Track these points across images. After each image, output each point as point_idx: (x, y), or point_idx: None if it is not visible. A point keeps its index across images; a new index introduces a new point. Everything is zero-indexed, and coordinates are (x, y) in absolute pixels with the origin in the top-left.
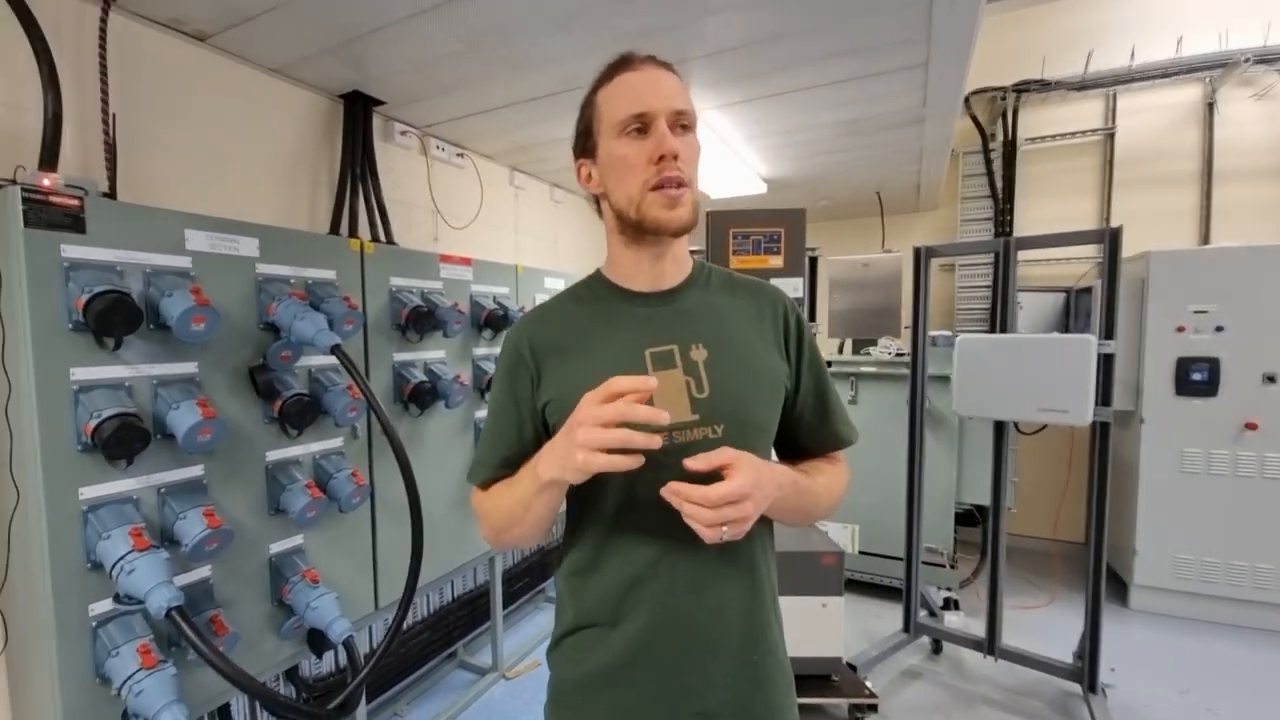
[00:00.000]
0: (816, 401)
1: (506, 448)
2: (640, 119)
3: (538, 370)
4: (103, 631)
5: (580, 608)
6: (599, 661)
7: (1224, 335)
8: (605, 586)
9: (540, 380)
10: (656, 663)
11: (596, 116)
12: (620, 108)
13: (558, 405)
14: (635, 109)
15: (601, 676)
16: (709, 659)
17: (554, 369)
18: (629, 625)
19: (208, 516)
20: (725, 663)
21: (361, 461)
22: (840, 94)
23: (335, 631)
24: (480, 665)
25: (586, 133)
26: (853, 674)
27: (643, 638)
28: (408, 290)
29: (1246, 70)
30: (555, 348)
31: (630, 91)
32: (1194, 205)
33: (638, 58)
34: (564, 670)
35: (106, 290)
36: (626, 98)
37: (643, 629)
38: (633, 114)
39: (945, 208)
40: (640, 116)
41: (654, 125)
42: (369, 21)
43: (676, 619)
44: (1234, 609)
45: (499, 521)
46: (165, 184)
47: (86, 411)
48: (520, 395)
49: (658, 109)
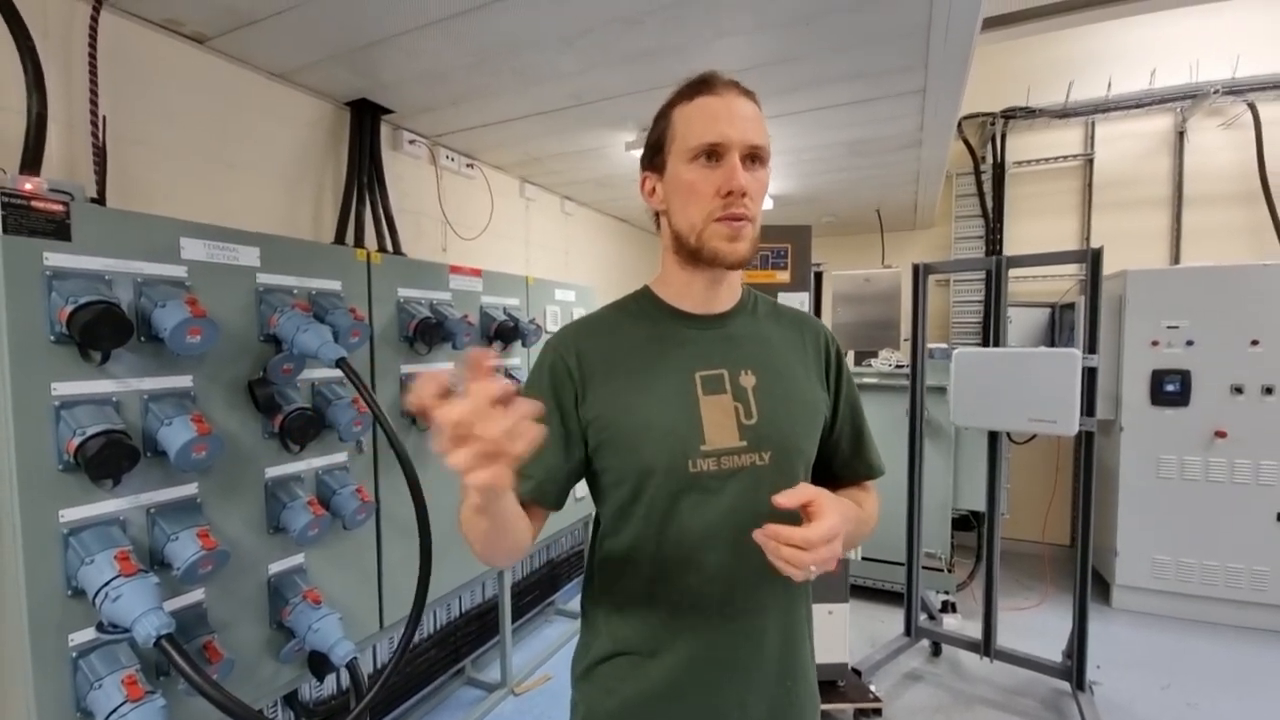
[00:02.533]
0: (852, 432)
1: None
2: (714, 148)
3: (583, 383)
4: (84, 662)
5: (615, 634)
6: (634, 691)
7: (1194, 349)
8: (643, 613)
9: (585, 395)
10: (695, 693)
11: (670, 135)
12: (696, 132)
13: (601, 425)
14: (710, 138)
15: (638, 707)
16: (745, 689)
17: (600, 385)
18: (668, 655)
19: (202, 537)
20: (761, 692)
21: (367, 477)
22: (844, 117)
23: (338, 654)
24: (489, 681)
25: (657, 148)
26: (857, 679)
27: (681, 668)
28: (416, 301)
29: (1215, 101)
30: (603, 362)
31: (708, 117)
32: (1165, 227)
33: (720, 81)
34: (597, 700)
35: (93, 301)
36: (703, 123)
37: (681, 659)
38: (708, 142)
39: (940, 225)
40: (715, 146)
41: (727, 157)
42: (379, 30)
43: (716, 648)
44: (1208, 607)
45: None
46: (161, 190)
47: (69, 428)
48: (565, 407)
49: (734, 140)
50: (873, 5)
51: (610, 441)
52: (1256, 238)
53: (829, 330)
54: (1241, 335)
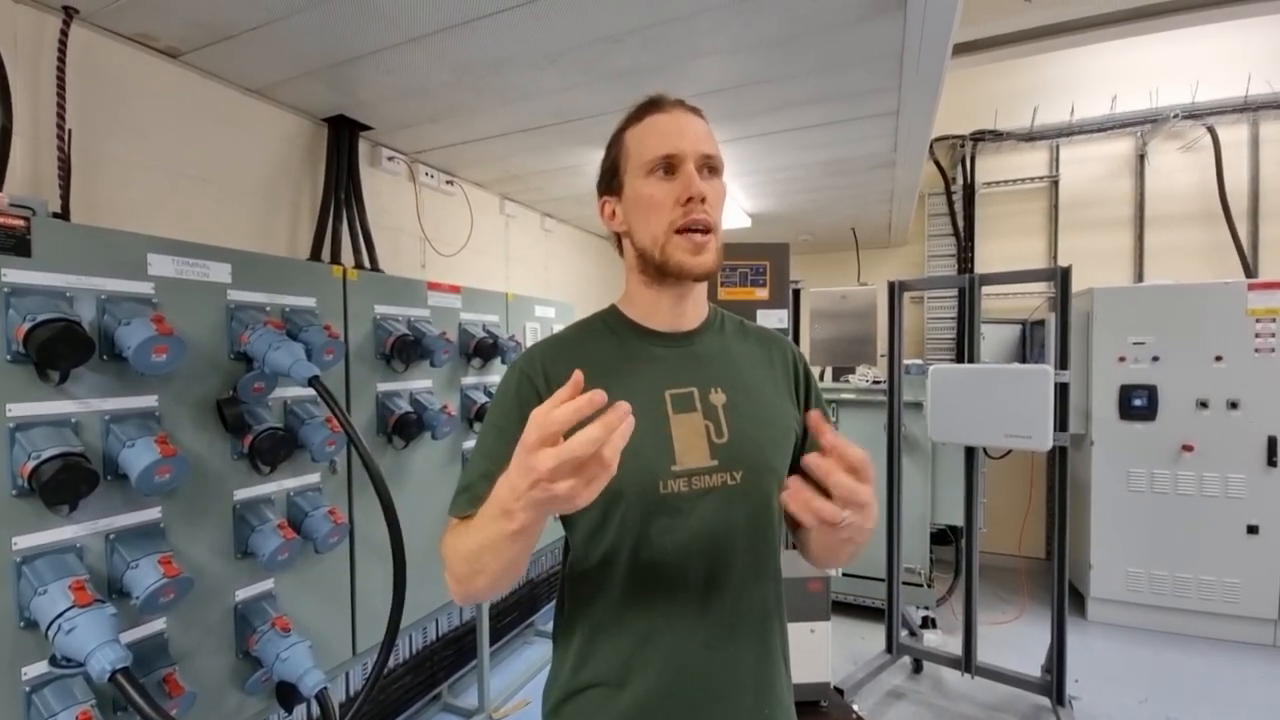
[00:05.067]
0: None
1: None
2: (668, 160)
3: None
4: (37, 697)
5: (584, 665)
6: None
7: (1160, 364)
8: (614, 643)
9: None
10: None
11: (624, 155)
12: (649, 148)
13: None
14: (664, 150)
15: None
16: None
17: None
18: (638, 686)
19: (164, 564)
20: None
21: (340, 498)
22: (819, 137)
23: (308, 684)
24: (466, 707)
25: (613, 171)
26: (840, 698)
27: (655, 698)
28: (393, 318)
29: (1175, 125)
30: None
31: (659, 133)
32: (1128, 246)
33: (667, 100)
34: None
35: (52, 318)
36: (655, 138)
37: (653, 690)
38: (661, 155)
39: (914, 244)
40: (669, 158)
41: (682, 167)
42: (357, 46)
43: (690, 677)
44: (1182, 619)
45: (461, 570)
46: (130, 206)
47: (24, 451)
48: None
49: (686, 151)
50: (846, 29)
51: None
52: (1217, 256)
53: (796, 347)
54: (1205, 351)
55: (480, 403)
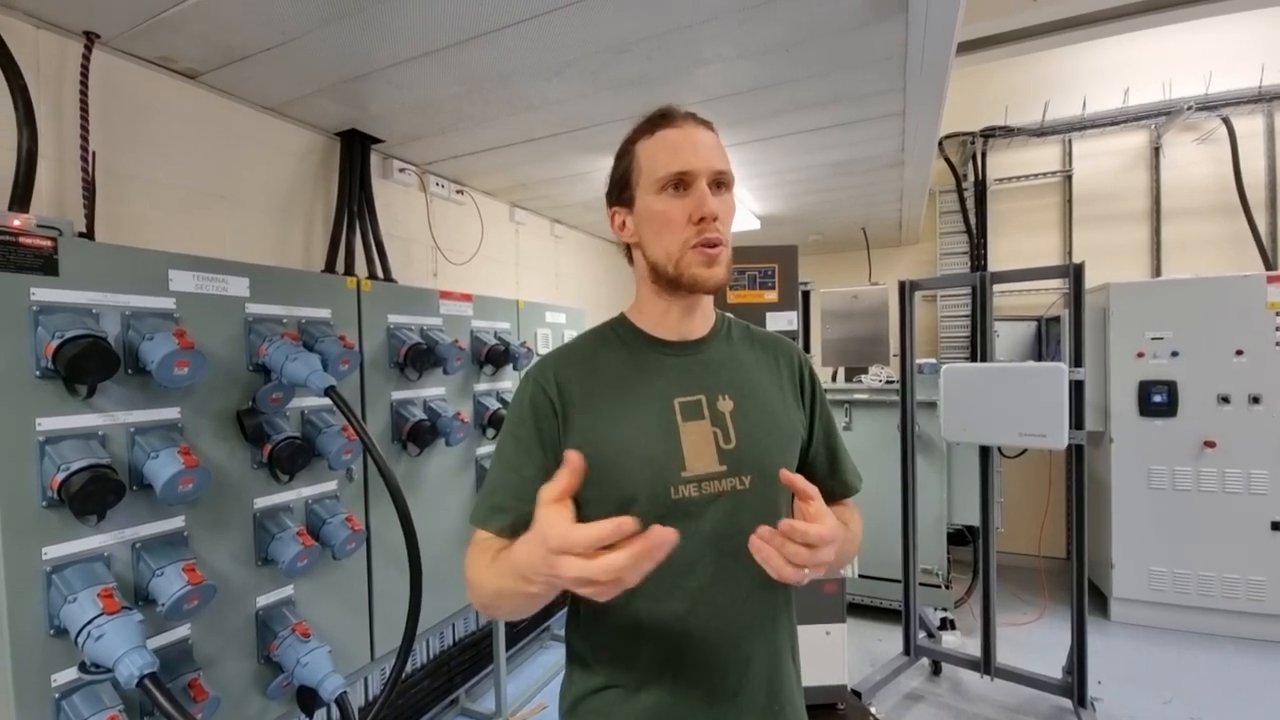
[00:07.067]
0: (828, 452)
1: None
2: (681, 177)
3: (564, 414)
4: (66, 703)
5: (598, 667)
6: None
7: (1179, 360)
8: (627, 645)
9: (567, 426)
10: None
11: (635, 168)
12: (661, 164)
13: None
14: (677, 167)
15: None
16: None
17: (581, 414)
18: (652, 686)
19: (188, 572)
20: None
21: (357, 505)
22: (826, 139)
23: (328, 689)
24: (483, 712)
25: (624, 183)
26: (858, 701)
27: (668, 698)
28: (406, 327)
29: (1189, 117)
30: (582, 391)
31: (671, 149)
32: (1145, 240)
33: (678, 114)
34: None
35: (80, 335)
36: (667, 154)
37: (667, 689)
38: (674, 172)
39: (925, 242)
40: (681, 175)
41: (694, 185)
42: (368, 63)
43: (702, 678)
44: (1206, 618)
45: (483, 599)
46: (151, 224)
47: (53, 464)
48: (546, 439)
49: (699, 168)
50: (849, 33)
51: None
52: (1235, 249)
53: (801, 351)
54: (1225, 345)
55: (493, 409)
